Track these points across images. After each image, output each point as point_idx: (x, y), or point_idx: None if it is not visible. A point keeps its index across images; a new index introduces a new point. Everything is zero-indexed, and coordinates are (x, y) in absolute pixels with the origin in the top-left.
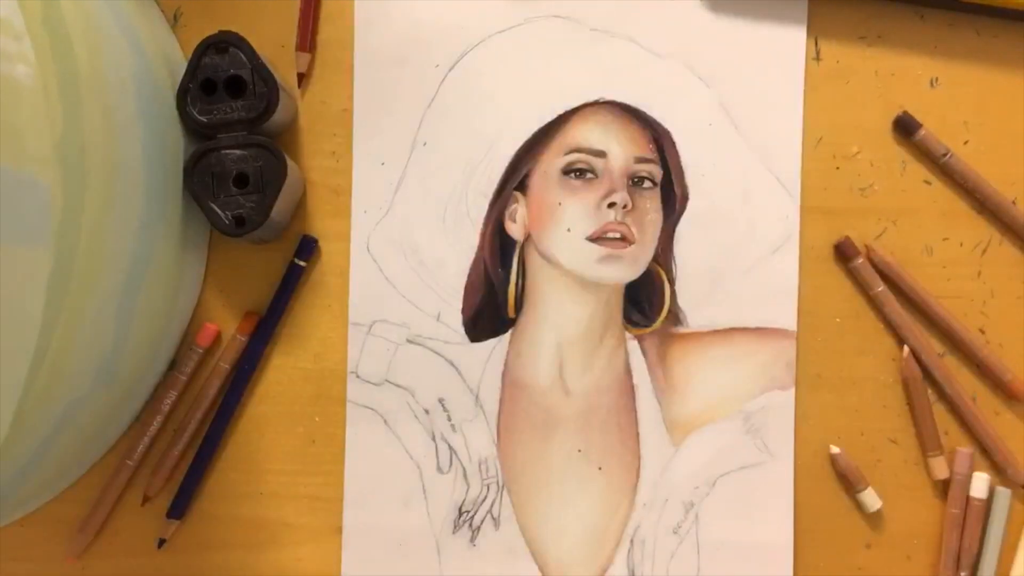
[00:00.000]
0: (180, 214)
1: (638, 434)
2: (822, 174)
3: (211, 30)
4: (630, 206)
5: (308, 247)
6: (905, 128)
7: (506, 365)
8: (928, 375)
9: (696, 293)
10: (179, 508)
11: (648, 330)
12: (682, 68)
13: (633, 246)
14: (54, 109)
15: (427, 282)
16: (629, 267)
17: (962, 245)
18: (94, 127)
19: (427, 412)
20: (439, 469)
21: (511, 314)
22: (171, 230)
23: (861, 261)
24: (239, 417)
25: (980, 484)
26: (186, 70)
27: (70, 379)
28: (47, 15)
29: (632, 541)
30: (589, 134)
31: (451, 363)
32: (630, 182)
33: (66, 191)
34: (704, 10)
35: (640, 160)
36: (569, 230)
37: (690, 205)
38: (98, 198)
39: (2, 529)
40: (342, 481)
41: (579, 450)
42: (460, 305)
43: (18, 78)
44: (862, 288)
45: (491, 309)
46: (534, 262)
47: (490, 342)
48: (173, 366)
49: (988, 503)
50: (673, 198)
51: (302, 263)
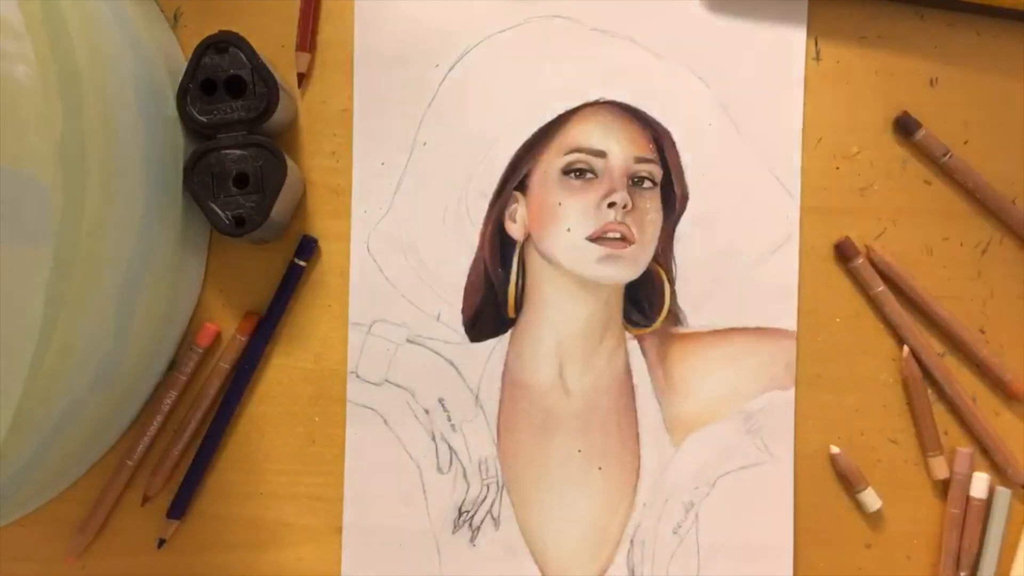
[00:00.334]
0: (180, 214)
1: (638, 434)
2: (822, 174)
3: (211, 30)
4: (630, 206)
5: (308, 247)
6: (905, 128)
7: (506, 365)
8: (928, 375)
9: (696, 293)
10: (179, 508)
11: (648, 330)
12: (682, 68)
13: (633, 246)
14: (54, 109)
15: (427, 282)
16: (629, 267)
17: (962, 245)
18: (94, 127)
19: (427, 412)
20: (439, 469)
21: (511, 314)
22: (171, 230)
23: (861, 261)
24: (239, 417)
25: (980, 484)
26: (186, 70)
27: (70, 379)
28: (47, 15)
29: (632, 541)
30: (589, 134)
31: (451, 363)
32: (630, 182)
33: (66, 191)
34: (704, 10)
35: (640, 160)
36: (569, 230)
37: (690, 205)
38: (98, 198)
39: (2, 529)
40: (342, 481)
41: (579, 450)
42: (460, 305)
43: (18, 78)
44: (862, 288)
45: (491, 309)
46: (534, 262)
47: (490, 342)
48: (173, 366)
49: (988, 503)
50: (673, 198)
51: (302, 263)
